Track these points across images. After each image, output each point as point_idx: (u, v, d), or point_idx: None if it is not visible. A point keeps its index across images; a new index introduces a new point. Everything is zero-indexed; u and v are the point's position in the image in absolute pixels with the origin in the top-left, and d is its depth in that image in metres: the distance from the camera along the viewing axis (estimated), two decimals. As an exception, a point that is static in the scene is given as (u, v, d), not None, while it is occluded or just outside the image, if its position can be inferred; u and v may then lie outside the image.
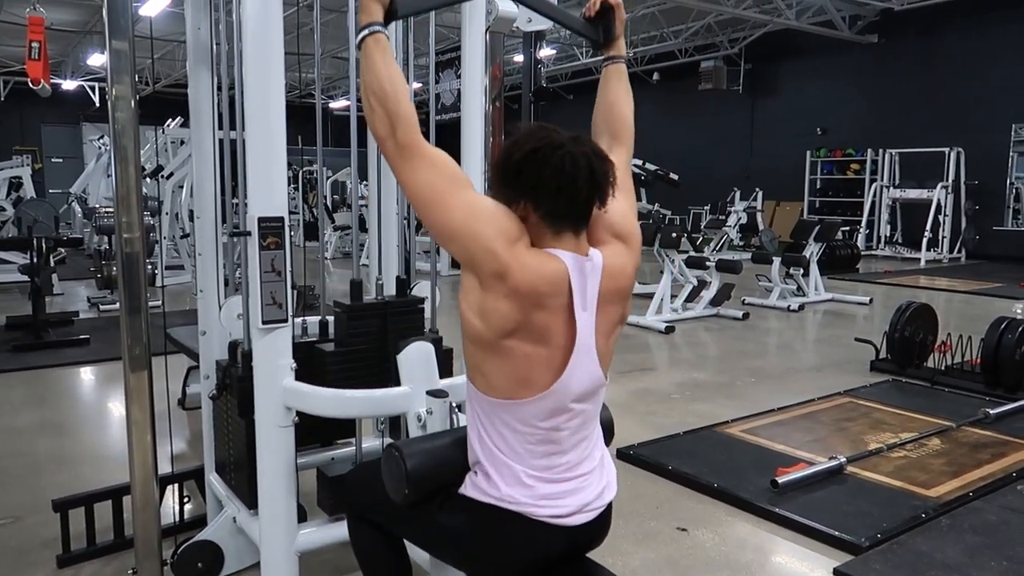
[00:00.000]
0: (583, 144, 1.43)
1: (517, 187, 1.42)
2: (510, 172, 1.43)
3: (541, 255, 1.42)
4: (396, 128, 1.46)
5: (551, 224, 1.43)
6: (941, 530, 2.77)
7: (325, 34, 11.37)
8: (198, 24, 2.34)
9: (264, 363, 1.91)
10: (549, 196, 1.40)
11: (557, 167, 1.39)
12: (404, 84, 1.51)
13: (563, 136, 1.43)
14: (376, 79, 1.48)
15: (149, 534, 2.14)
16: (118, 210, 2.07)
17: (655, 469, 3.32)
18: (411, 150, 1.46)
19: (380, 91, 1.47)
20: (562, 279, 1.41)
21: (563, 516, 1.47)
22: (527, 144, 1.42)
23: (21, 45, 14.78)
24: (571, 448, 1.50)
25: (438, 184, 1.44)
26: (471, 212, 1.42)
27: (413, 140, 1.46)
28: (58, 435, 3.84)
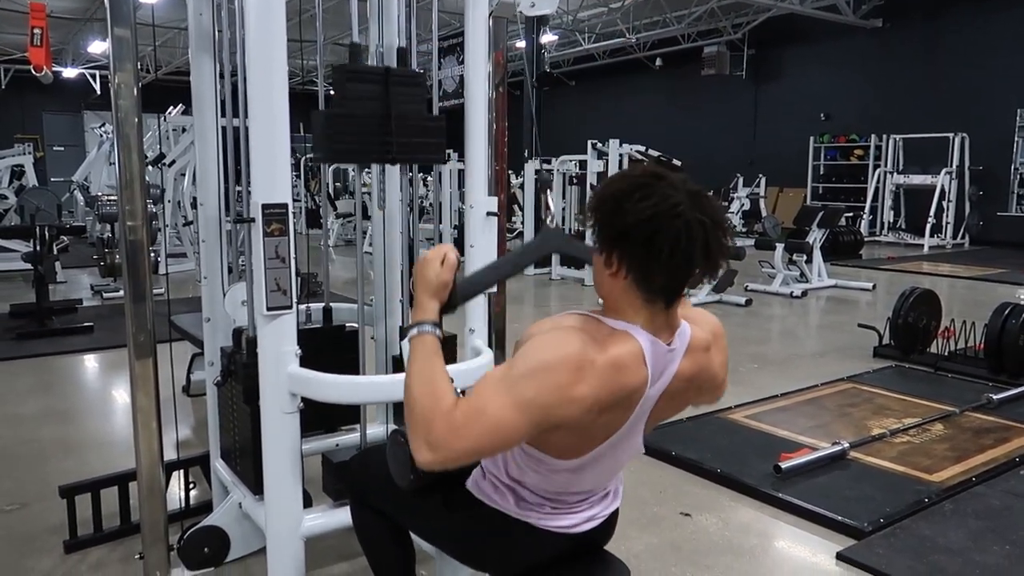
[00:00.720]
0: (702, 208, 1.23)
1: (621, 249, 1.26)
2: (616, 229, 1.26)
3: (618, 348, 1.26)
4: (428, 436, 1.24)
5: (644, 292, 1.28)
6: (944, 515, 2.78)
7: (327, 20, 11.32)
8: (200, 11, 2.33)
9: (269, 350, 1.90)
10: (655, 269, 1.25)
11: (672, 241, 1.21)
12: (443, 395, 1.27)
13: (681, 195, 1.23)
14: (409, 391, 1.30)
15: (156, 520, 2.15)
16: (121, 198, 2.07)
17: (659, 455, 3.33)
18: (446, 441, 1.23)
19: (409, 406, 1.30)
20: (640, 371, 1.29)
21: (569, 527, 1.46)
22: (643, 203, 1.22)
23: (22, 33, 14.74)
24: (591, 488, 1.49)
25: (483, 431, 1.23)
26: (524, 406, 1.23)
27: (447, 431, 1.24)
28: (63, 422, 3.85)
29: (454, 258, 1.43)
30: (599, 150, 8.64)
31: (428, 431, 1.24)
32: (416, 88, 2.12)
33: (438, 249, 1.43)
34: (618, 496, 1.57)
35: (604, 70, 18.45)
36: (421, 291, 1.41)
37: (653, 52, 16.89)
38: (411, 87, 2.11)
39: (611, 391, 1.26)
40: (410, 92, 2.10)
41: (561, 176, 9.23)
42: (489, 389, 1.26)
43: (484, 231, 2.23)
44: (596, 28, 16.22)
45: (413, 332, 1.37)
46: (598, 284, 1.36)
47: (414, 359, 1.34)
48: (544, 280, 8.87)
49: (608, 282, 1.31)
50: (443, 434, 1.23)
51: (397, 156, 2.09)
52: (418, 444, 1.25)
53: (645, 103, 18.00)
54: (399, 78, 2.10)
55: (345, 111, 2.02)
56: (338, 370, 1.98)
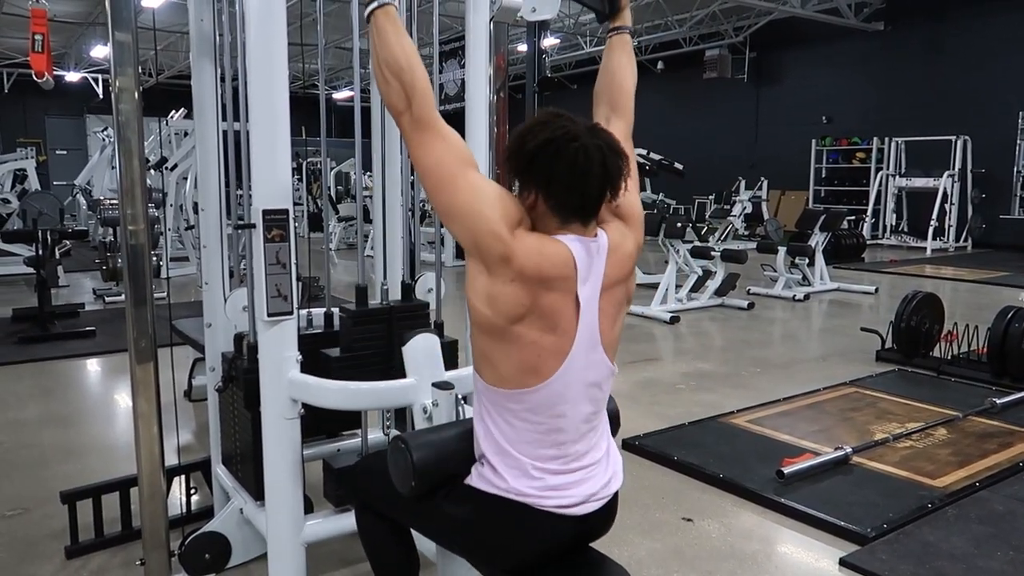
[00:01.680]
0: (598, 136, 1.41)
1: (528, 176, 1.41)
2: (522, 160, 1.41)
3: (545, 239, 1.42)
4: (412, 101, 1.44)
5: (559, 215, 1.42)
6: (947, 520, 2.76)
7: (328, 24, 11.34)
8: (201, 15, 2.33)
9: (270, 355, 1.90)
10: (560, 189, 1.40)
11: (571, 161, 1.37)
12: (418, 57, 1.48)
13: (579, 126, 1.40)
14: (390, 52, 1.46)
15: (157, 525, 2.15)
16: (123, 202, 2.06)
17: (660, 460, 3.32)
18: (426, 124, 1.45)
19: (395, 64, 1.45)
20: (567, 260, 1.40)
21: (569, 506, 1.47)
22: (541, 133, 1.39)
23: (24, 37, 14.77)
24: (578, 438, 1.50)
25: (448, 162, 1.43)
26: (476, 194, 1.41)
27: (429, 115, 1.45)
28: (64, 426, 3.85)
29: None
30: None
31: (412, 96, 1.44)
32: (419, 319, 2.28)
33: None
34: (618, 477, 1.58)
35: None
36: None
37: (655, 55, 16.90)
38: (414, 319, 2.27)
39: (530, 262, 1.37)
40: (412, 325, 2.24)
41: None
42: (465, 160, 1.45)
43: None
44: (597, 31, 16.23)
45: (374, 5, 1.48)
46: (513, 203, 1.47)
47: (386, 26, 1.47)
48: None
49: (528, 213, 1.44)
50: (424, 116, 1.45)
51: None
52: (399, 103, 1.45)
53: (646, 106, 17.90)
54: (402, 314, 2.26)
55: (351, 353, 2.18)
56: (339, 375, 1.99)
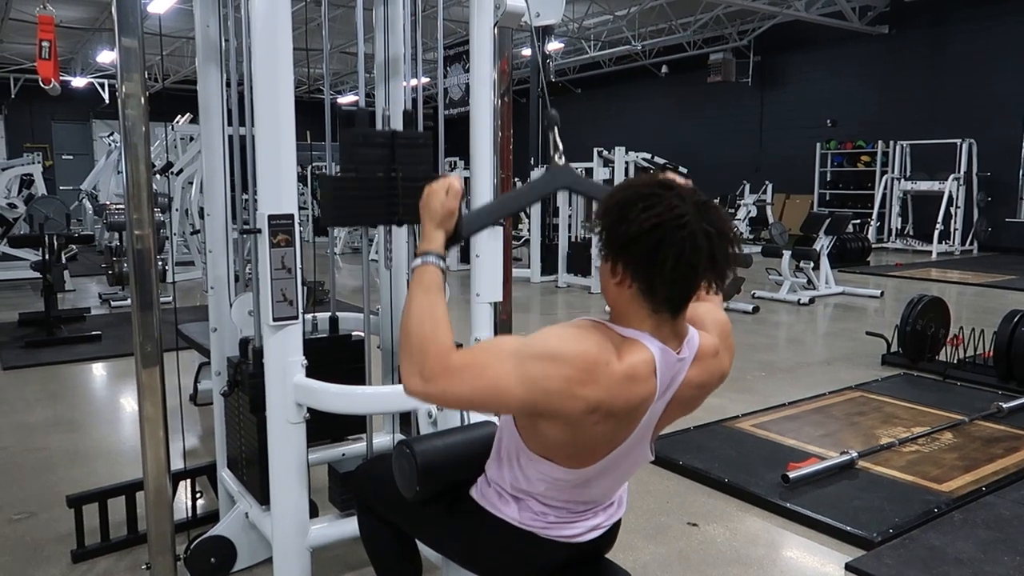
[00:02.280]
0: (709, 219, 1.22)
1: (625, 259, 1.26)
2: (618, 239, 1.25)
3: (632, 357, 1.26)
4: (423, 369, 1.26)
5: (650, 303, 1.27)
6: (954, 525, 2.75)
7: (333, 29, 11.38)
8: (207, 21, 2.35)
9: (275, 360, 1.91)
10: (660, 279, 1.24)
11: (678, 251, 1.20)
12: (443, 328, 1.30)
13: (687, 205, 1.22)
14: (409, 316, 1.32)
15: (163, 529, 2.16)
16: (129, 207, 2.07)
17: (665, 464, 3.32)
18: (439, 377, 1.25)
19: (407, 330, 1.31)
20: (651, 381, 1.29)
21: (573, 536, 1.46)
22: (646, 214, 1.21)
23: (31, 43, 14.84)
24: (597, 500, 1.48)
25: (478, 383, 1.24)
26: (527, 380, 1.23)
27: (442, 368, 1.25)
28: (71, 431, 3.86)
29: (459, 187, 1.44)
30: (605, 158, 8.65)
31: (423, 361, 1.26)
32: (422, 150, 2.18)
33: (443, 180, 1.44)
34: (623, 505, 1.56)
35: (610, 77, 18.48)
36: (427, 221, 1.42)
37: (659, 59, 16.92)
38: (417, 149, 2.16)
39: (619, 399, 1.25)
40: (416, 154, 2.15)
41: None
42: (496, 352, 1.27)
43: (489, 239, 2.22)
44: (602, 36, 16.26)
45: (417, 262, 1.38)
46: (604, 290, 1.35)
47: (416, 288, 1.35)
48: (550, 287, 8.86)
49: (614, 290, 1.30)
50: (437, 370, 1.25)
51: (403, 218, 2.11)
52: (410, 371, 1.28)
53: (651, 110, 18.01)
54: (405, 140, 2.14)
55: (352, 175, 2.06)
56: (344, 379, 1.99)
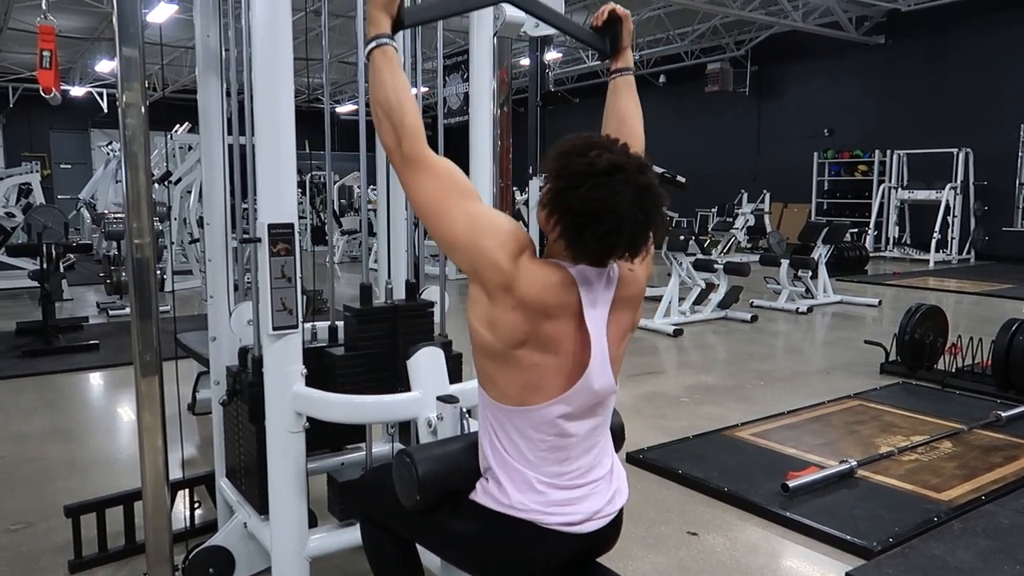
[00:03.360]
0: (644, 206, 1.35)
1: (558, 216, 1.38)
2: (558, 200, 1.37)
3: (549, 267, 1.41)
4: (402, 140, 1.45)
5: (572, 255, 1.41)
6: (953, 534, 2.75)
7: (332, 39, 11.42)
8: (207, 31, 2.35)
9: (274, 369, 1.91)
10: (582, 246, 1.38)
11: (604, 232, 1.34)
12: (411, 96, 1.49)
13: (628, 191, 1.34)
14: (383, 92, 1.47)
15: (160, 539, 2.15)
16: (128, 216, 2.07)
17: (664, 473, 3.31)
18: (416, 162, 1.45)
19: (386, 104, 1.46)
20: (570, 289, 1.41)
21: (574, 524, 1.47)
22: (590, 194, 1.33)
23: (30, 52, 14.86)
24: (582, 455, 1.50)
25: (442, 195, 1.44)
26: (474, 224, 1.41)
27: (419, 152, 1.46)
28: (68, 440, 3.85)
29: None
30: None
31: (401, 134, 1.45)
32: (423, 319, 2.32)
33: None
34: (622, 494, 1.58)
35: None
36: (372, 6, 1.51)
37: (656, 69, 16.97)
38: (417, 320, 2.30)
39: (531, 290, 1.37)
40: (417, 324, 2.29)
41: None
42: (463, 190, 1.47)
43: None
44: (600, 45, 16.30)
45: (372, 45, 1.49)
46: (538, 218, 1.47)
47: (381, 66, 1.48)
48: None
49: (544, 226, 1.44)
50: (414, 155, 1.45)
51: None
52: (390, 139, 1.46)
53: (649, 120, 17.65)
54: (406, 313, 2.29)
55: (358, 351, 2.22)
56: (343, 389, 1.99)
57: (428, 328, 2.34)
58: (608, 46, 1.85)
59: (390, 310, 2.28)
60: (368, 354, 2.22)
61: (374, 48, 1.49)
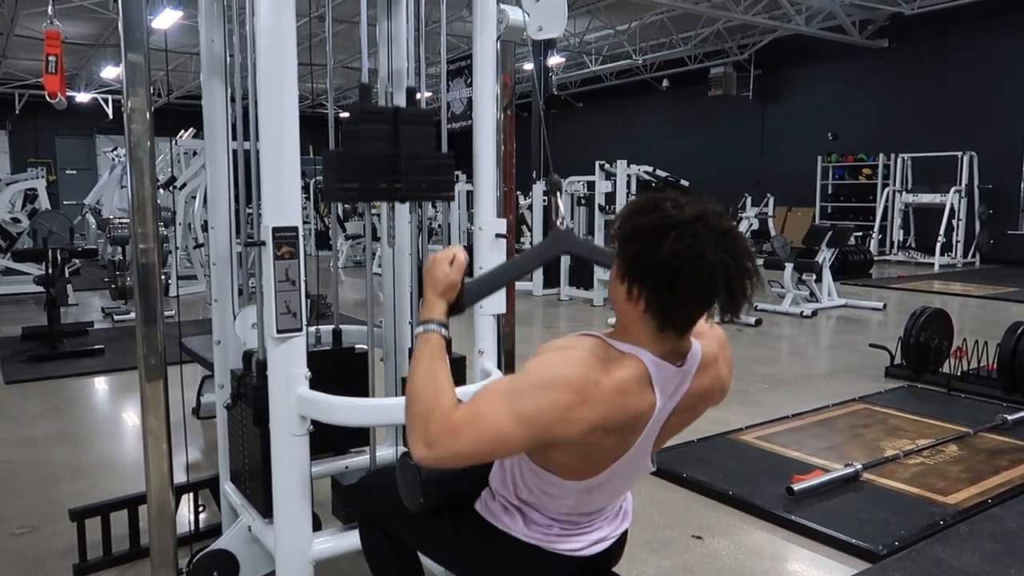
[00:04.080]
0: (729, 250, 1.22)
1: (641, 281, 1.25)
2: (637, 265, 1.25)
3: (623, 373, 1.27)
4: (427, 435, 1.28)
5: (659, 323, 1.28)
6: (960, 537, 2.74)
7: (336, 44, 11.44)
8: (211, 37, 2.36)
9: (279, 372, 1.91)
10: (675, 306, 1.25)
11: (697, 284, 1.21)
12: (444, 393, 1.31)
13: (711, 236, 1.21)
14: (411, 386, 1.34)
15: (165, 543, 2.15)
16: (133, 221, 2.08)
17: (669, 477, 3.31)
18: (443, 440, 1.27)
19: (410, 401, 1.33)
20: (647, 396, 1.30)
21: (578, 550, 1.46)
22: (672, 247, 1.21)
23: (36, 59, 14.93)
24: (600, 508, 1.49)
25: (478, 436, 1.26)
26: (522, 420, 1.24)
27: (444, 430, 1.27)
28: (73, 444, 3.86)
29: (463, 258, 1.45)
30: (607, 171, 8.67)
31: (426, 428, 1.27)
32: (425, 127, 2.16)
33: (448, 250, 1.46)
34: (628, 517, 1.57)
35: (611, 91, 18.56)
36: (429, 290, 1.44)
37: (660, 73, 16.99)
38: (420, 126, 2.15)
39: (615, 414, 1.27)
40: (419, 131, 2.14)
41: (569, 197, 9.26)
42: (490, 398, 1.28)
43: (493, 252, 2.24)
44: (603, 50, 16.34)
45: (419, 330, 1.40)
46: (614, 300, 1.35)
47: (419, 356, 1.37)
48: (552, 300, 8.86)
49: (624, 306, 1.31)
50: (440, 433, 1.26)
51: (407, 195, 2.12)
52: (415, 439, 1.29)
53: (652, 124, 18.07)
54: (409, 117, 2.14)
55: (355, 151, 2.06)
56: (348, 392, 1.99)
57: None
58: None
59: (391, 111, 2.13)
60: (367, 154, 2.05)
61: (420, 334, 1.40)
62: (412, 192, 2.13)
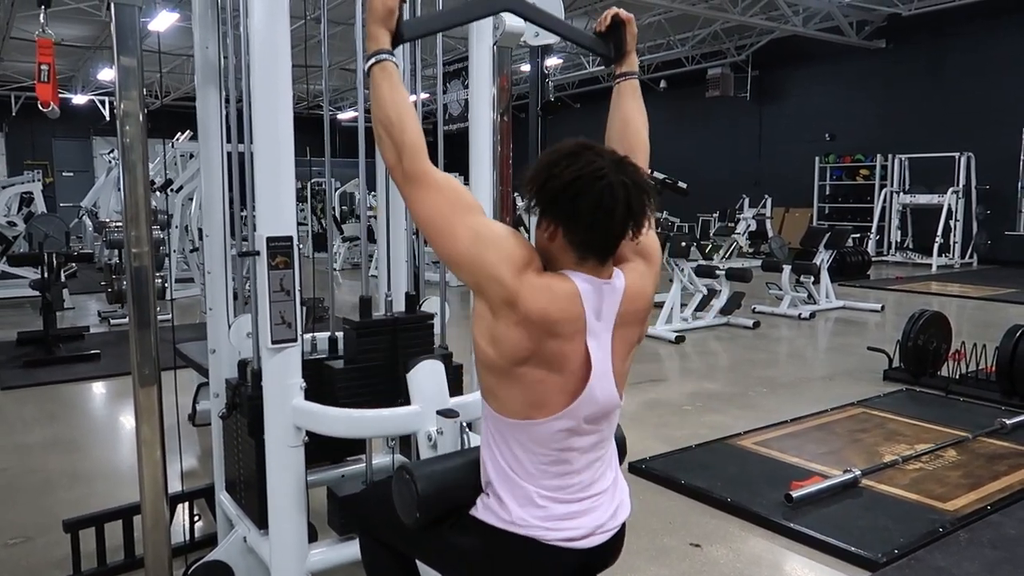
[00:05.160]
0: (625, 172, 1.37)
1: (550, 210, 1.39)
2: (545, 194, 1.38)
3: (554, 280, 1.39)
4: (402, 157, 1.44)
5: (577, 251, 1.39)
6: (959, 545, 2.73)
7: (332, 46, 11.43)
8: (206, 43, 2.34)
9: (274, 383, 1.89)
10: (582, 227, 1.37)
11: (595, 200, 1.34)
12: (411, 112, 1.48)
13: (606, 161, 1.37)
14: (382, 109, 1.46)
15: (159, 554, 2.13)
16: (127, 225, 2.07)
17: (667, 483, 3.29)
18: (418, 178, 1.44)
19: (386, 121, 1.45)
20: (575, 305, 1.38)
21: (575, 539, 1.45)
22: (568, 169, 1.35)
23: (32, 61, 14.91)
24: (584, 468, 1.48)
25: (444, 211, 1.42)
26: (477, 238, 1.39)
27: (419, 168, 1.44)
28: (69, 451, 3.83)
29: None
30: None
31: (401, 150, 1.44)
32: (422, 331, 2.31)
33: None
34: (625, 507, 1.56)
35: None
36: (371, 22, 1.51)
37: (657, 74, 16.99)
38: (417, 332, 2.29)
39: (535, 306, 1.35)
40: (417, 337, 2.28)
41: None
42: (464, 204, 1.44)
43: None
44: (600, 51, 16.32)
45: (372, 60, 1.49)
46: (538, 247, 1.45)
47: (381, 82, 1.47)
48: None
49: (545, 244, 1.42)
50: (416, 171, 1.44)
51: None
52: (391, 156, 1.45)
53: (650, 125, 17.95)
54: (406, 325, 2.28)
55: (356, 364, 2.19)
56: (344, 402, 1.98)
57: (428, 340, 2.33)
58: (612, 51, 1.83)
59: (389, 323, 2.27)
60: (367, 367, 2.20)
61: (373, 64, 1.48)
62: None
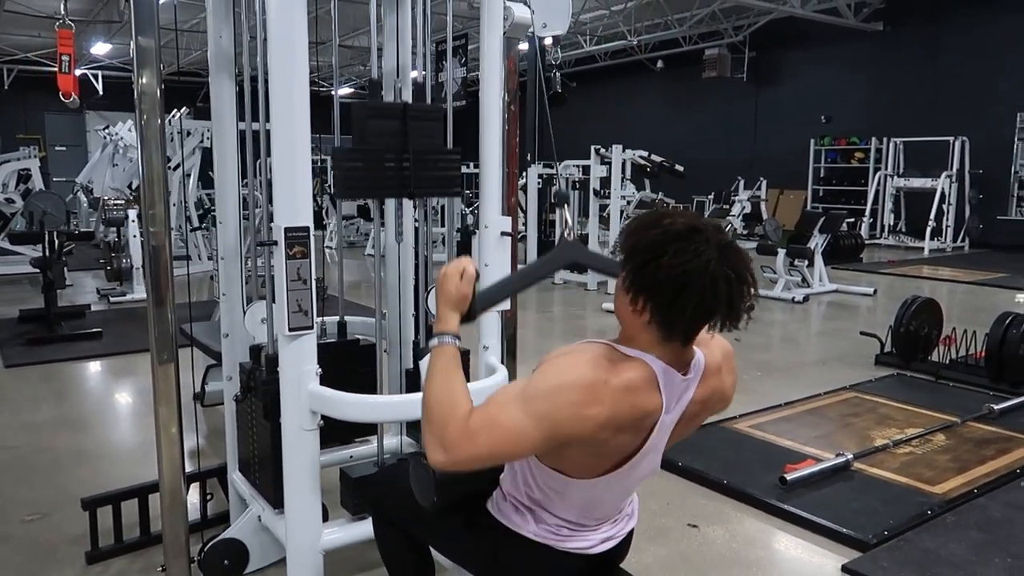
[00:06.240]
0: (730, 262, 1.29)
1: (646, 294, 1.31)
2: (645, 278, 1.30)
3: (631, 371, 1.33)
4: (445, 450, 1.32)
5: (663, 331, 1.33)
6: (946, 527, 2.82)
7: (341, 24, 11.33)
8: (219, 32, 2.37)
9: (290, 369, 1.95)
10: (678, 317, 1.30)
11: (698, 299, 1.27)
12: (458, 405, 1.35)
13: (712, 250, 1.27)
14: (431, 395, 1.38)
15: (177, 533, 2.19)
16: (144, 203, 2.09)
17: (665, 466, 3.30)
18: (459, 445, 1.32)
19: (427, 411, 1.37)
20: (650, 393, 1.35)
21: (587, 548, 1.52)
22: (675, 260, 1.26)
23: (26, 34, 14.73)
24: (611, 510, 1.55)
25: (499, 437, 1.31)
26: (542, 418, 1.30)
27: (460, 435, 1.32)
28: (77, 430, 3.90)
29: (472, 271, 1.51)
30: (602, 156, 8.68)
31: (443, 434, 1.32)
32: (434, 123, 2.19)
33: (457, 263, 1.51)
34: (634, 516, 1.63)
35: (605, 72, 18.46)
36: (442, 304, 1.50)
37: (654, 54, 16.92)
38: (428, 122, 2.18)
39: (624, 412, 1.32)
40: (427, 127, 2.17)
41: (564, 181, 9.27)
42: (504, 401, 1.34)
43: (497, 250, 2.28)
44: (597, 30, 16.25)
45: (434, 343, 1.45)
46: (618, 309, 1.41)
47: (435, 367, 1.42)
48: (547, 284, 8.87)
49: (629, 316, 1.36)
50: (456, 438, 1.31)
51: (415, 191, 2.15)
52: (433, 445, 1.34)
53: (646, 105, 18.04)
54: (417, 113, 2.16)
55: (364, 147, 2.09)
56: (355, 385, 2.03)
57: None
58: None
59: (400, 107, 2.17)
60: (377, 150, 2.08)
61: (435, 346, 1.45)
62: (420, 187, 2.17)
